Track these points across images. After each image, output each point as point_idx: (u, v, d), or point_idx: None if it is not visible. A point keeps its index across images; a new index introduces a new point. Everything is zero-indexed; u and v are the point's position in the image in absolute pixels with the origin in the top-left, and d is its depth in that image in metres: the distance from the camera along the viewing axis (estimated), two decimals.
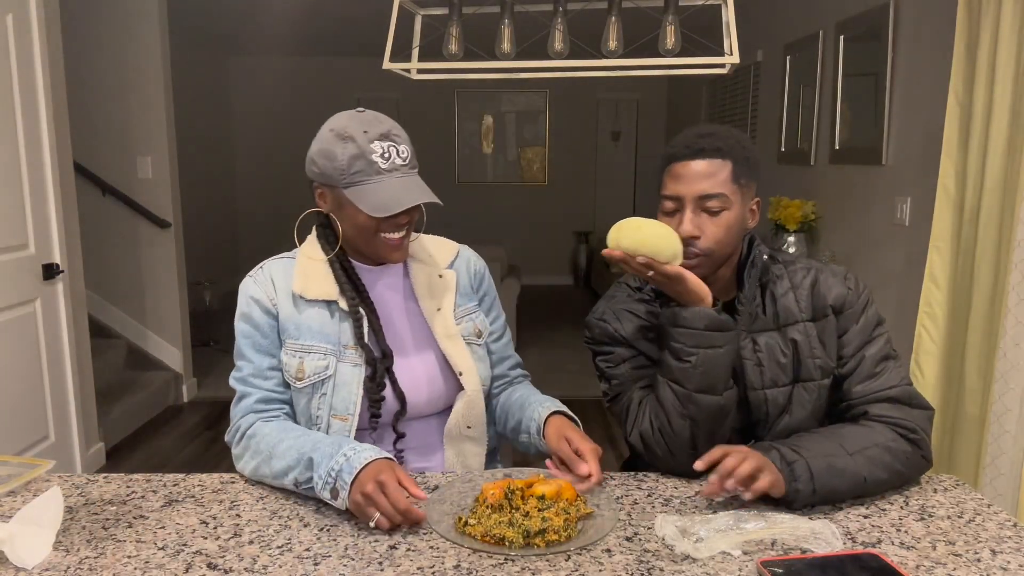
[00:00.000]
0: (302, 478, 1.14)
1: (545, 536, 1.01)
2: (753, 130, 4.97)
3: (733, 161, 1.24)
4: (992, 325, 2.21)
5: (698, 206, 1.23)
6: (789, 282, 1.32)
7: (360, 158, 1.23)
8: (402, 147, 1.27)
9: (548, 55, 1.79)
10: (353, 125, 1.25)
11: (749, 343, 1.29)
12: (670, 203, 1.26)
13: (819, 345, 1.29)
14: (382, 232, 1.27)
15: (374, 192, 1.23)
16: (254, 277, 1.34)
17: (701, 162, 1.23)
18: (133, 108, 4.07)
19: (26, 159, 2.73)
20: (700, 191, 1.22)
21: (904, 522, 1.09)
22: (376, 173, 1.23)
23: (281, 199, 7.88)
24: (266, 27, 6.13)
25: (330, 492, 1.08)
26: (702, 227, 1.23)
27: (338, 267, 1.32)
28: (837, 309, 1.30)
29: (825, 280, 1.31)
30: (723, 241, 1.24)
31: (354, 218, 1.26)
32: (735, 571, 0.95)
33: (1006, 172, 2.16)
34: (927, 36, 2.93)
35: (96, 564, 0.98)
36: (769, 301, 1.31)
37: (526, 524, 1.02)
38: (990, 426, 2.18)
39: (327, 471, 1.09)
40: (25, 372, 2.75)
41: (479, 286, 1.47)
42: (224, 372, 4.84)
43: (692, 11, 1.78)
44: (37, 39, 2.77)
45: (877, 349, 1.29)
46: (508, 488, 1.09)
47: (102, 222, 4.15)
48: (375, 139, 1.24)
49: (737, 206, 1.24)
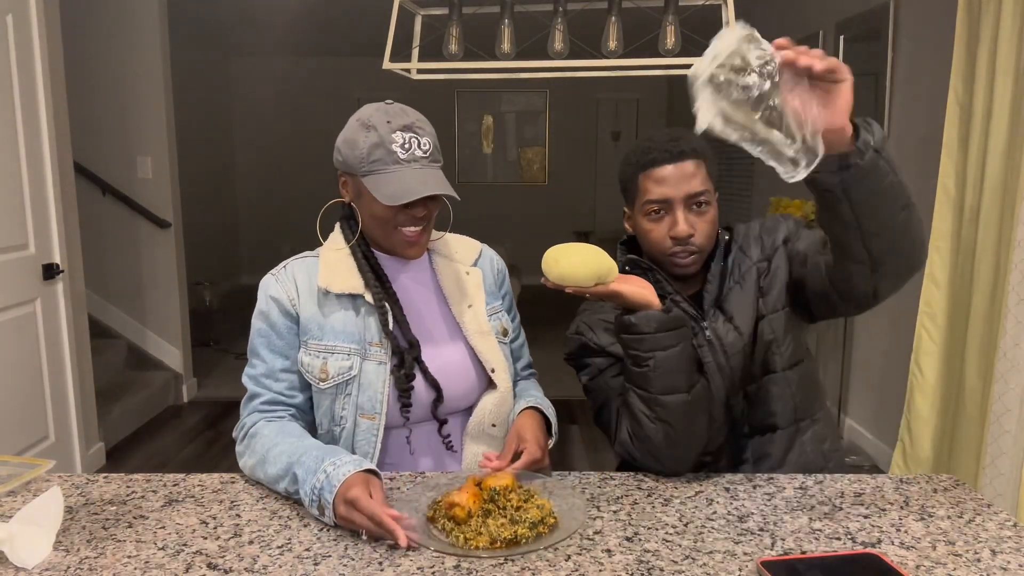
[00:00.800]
0: (291, 489, 1.15)
1: (546, 522, 1.04)
2: None
3: (705, 160, 1.31)
4: (992, 325, 2.21)
5: (687, 206, 1.29)
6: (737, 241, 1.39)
7: (380, 147, 1.23)
8: (424, 139, 1.25)
9: (548, 55, 1.79)
10: (378, 115, 1.25)
11: (720, 314, 1.35)
12: (656, 207, 1.30)
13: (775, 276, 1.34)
14: (399, 225, 1.26)
15: (389, 181, 1.22)
16: (276, 276, 1.32)
17: (683, 163, 1.28)
18: (133, 108, 4.07)
19: (26, 159, 2.73)
20: (688, 191, 1.28)
21: (904, 522, 1.09)
22: (394, 163, 1.23)
23: (281, 199, 7.90)
24: (266, 27, 6.13)
25: (318, 510, 1.09)
26: (694, 225, 1.29)
27: (360, 256, 1.31)
28: (787, 239, 1.36)
29: (767, 224, 1.39)
30: (711, 234, 1.32)
31: (371, 207, 1.26)
32: (735, 571, 0.95)
33: (1006, 172, 2.16)
34: (927, 36, 2.93)
35: (96, 564, 0.98)
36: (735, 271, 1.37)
37: (528, 517, 1.03)
38: (990, 426, 2.18)
39: (311, 488, 1.09)
40: (25, 372, 2.75)
41: (502, 285, 1.47)
42: (224, 372, 4.86)
43: (692, 11, 1.78)
44: (37, 39, 2.77)
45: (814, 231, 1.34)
46: (492, 491, 1.10)
47: (102, 222, 4.15)
48: (397, 130, 1.23)
49: (714, 201, 1.32)
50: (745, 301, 1.34)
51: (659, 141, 1.31)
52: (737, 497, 1.17)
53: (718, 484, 1.22)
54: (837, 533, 1.06)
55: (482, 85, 7.63)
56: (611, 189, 8.10)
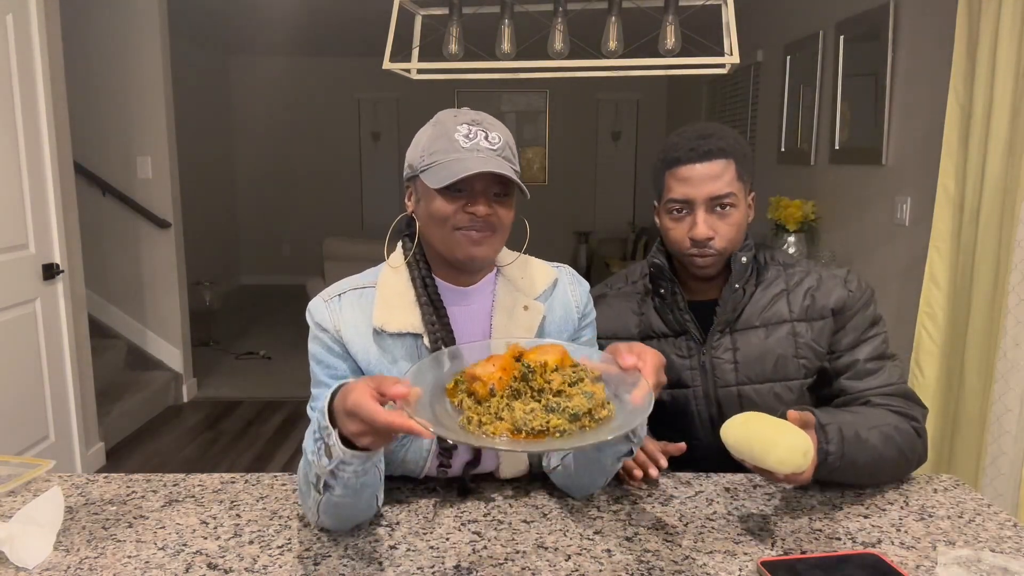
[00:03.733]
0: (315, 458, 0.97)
1: (593, 415, 0.84)
2: (753, 130, 4.97)
3: (736, 159, 1.26)
4: (992, 325, 2.21)
5: (709, 207, 1.25)
6: (785, 284, 1.33)
7: (442, 138, 1.09)
8: (493, 134, 1.10)
9: (548, 55, 1.79)
10: (446, 114, 1.14)
11: (727, 340, 1.31)
12: (678, 206, 1.27)
13: (808, 345, 1.29)
14: (457, 226, 1.09)
15: (445, 167, 1.07)
16: (328, 304, 1.16)
17: (709, 163, 1.24)
18: (133, 108, 4.07)
19: (26, 159, 2.73)
20: (711, 192, 1.24)
21: (904, 522, 1.09)
22: (455, 151, 1.07)
23: (281, 199, 7.89)
24: (266, 27, 6.13)
25: (327, 456, 0.93)
26: (715, 227, 1.26)
27: (418, 279, 1.16)
28: (837, 311, 1.30)
29: (825, 283, 1.32)
30: (735, 239, 1.28)
31: (428, 206, 1.10)
32: (735, 571, 0.95)
33: (1006, 172, 2.16)
34: (927, 36, 2.93)
35: (96, 564, 0.98)
36: (759, 299, 1.32)
37: (570, 405, 0.83)
38: (990, 426, 2.18)
39: (313, 440, 0.95)
40: (25, 372, 2.75)
41: (582, 318, 1.24)
42: (224, 372, 4.86)
43: (692, 11, 1.78)
44: (37, 39, 2.77)
45: (873, 348, 1.30)
46: (523, 366, 0.88)
47: (102, 222, 4.15)
48: (463, 123, 1.10)
49: (741, 204, 1.27)
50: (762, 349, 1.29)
51: (687, 138, 1.26)
52: (737, 497, 1.17)
53: (718, 484, 1.22)
54: (837, 533, 1.06)
55: (482, 85, 7.63)
56: (611, 189, 8.10)
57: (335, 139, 7.86)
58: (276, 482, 1.24)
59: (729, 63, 1.67)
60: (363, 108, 7.82)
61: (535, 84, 7.75)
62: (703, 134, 1.26)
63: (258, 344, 5.52)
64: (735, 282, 1.30)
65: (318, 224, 7.82)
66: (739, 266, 1.30)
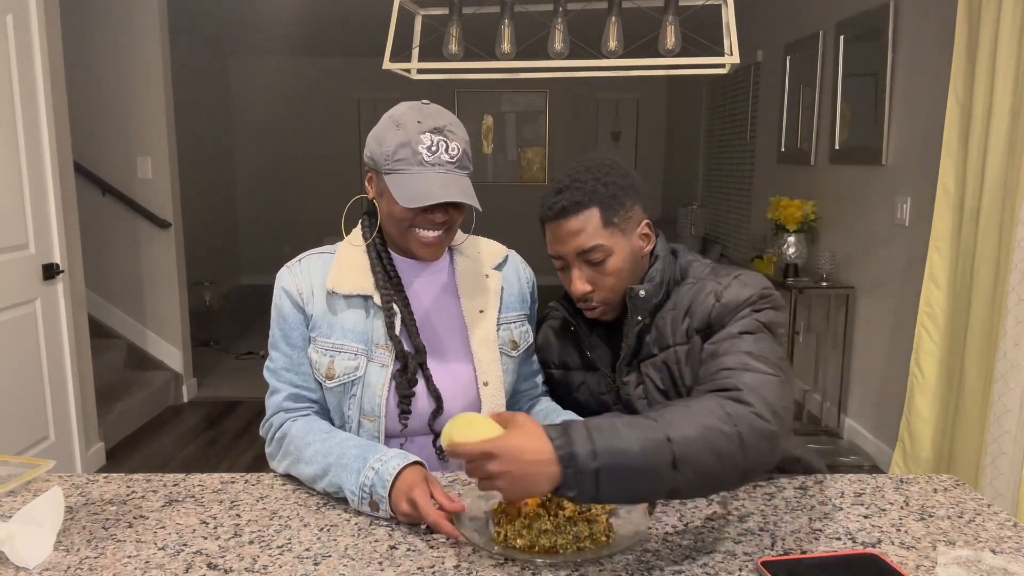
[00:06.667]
0: (331, 489, 1.16)
1: (594, 539, 1.00)
2: (753, 130, 4.97)
3: (599, 207, 1.20)
4: (992, 325, 2.21)
5: (582, 261, 1.22)
6: (673, 302, 1.25)
7: (406, 146, 1.20)
8: (453, 144, 1.22)
9: (548, 55, 1.79)
10: (410, 114, 1.23)
11: (635, 374, 1.28)
12: (558, 262, 1.26)
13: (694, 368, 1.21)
14: (416, 228, 1.23)
15: (410, 182, 1.19)
16: (290, 268, 1.31)
17: (565, 221, 1.21)
18: (133, 108, 4.07)
19: (26, 159, 2.73)
20: (576, 248, 1.21)
21: (904, 522, 1.09)
22: (418, 164, 1.20)
23: (281, 199, 7.89)
24: (266, 27, 6.13)
25: (370, 506, 1.10)
26: (593, 280, 1.23)
27: (375, 255, 1.30)
28: (701, 328, 1.20)
29: (700, 298, 1.21)
30: (616, 287, 1.23)
31: (391, 207, 1.23)
32: (735, 571, 0.95)
33: (1006, 172, 2.16)
34: (927, 36, 2.93)
35: (96, 564, 0.98)
36: (660, 325, 1.25)
37: (574, 530, 1.00)
38: (990, 426, 2.19)
39: (359, 487, 1.10)
40: (25, 372, 2.75)
41: (531, 294, 1.43)
42: (224, 372, 4.86)
43: (692, 11, 1.78)
44: (37, 39, 2.77)
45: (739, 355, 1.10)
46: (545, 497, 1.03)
47: (102, 222, 4.15)
48: (426, 131, 1.20)
49: (620, 246, 1.22)
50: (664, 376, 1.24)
51: (547, 193, 1.24)
52: (737, 497, 1.17)
53: None
54: (837, 533, 1.06)
55: (482, 85, 7.63)
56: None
57: (335, 139, 7.86)
58: (276, 482, 1.24)
59: (729, 63, 1.67)
60: (363, 108, 7.82)
61: (535, 84, 7.75)
62: (559, 187, 1.22)
63: (258, 344, 5.51)
64: (635, 315, 1.24)
65: (318, 224, 7.80)
66: (636, 300, 1.23)
